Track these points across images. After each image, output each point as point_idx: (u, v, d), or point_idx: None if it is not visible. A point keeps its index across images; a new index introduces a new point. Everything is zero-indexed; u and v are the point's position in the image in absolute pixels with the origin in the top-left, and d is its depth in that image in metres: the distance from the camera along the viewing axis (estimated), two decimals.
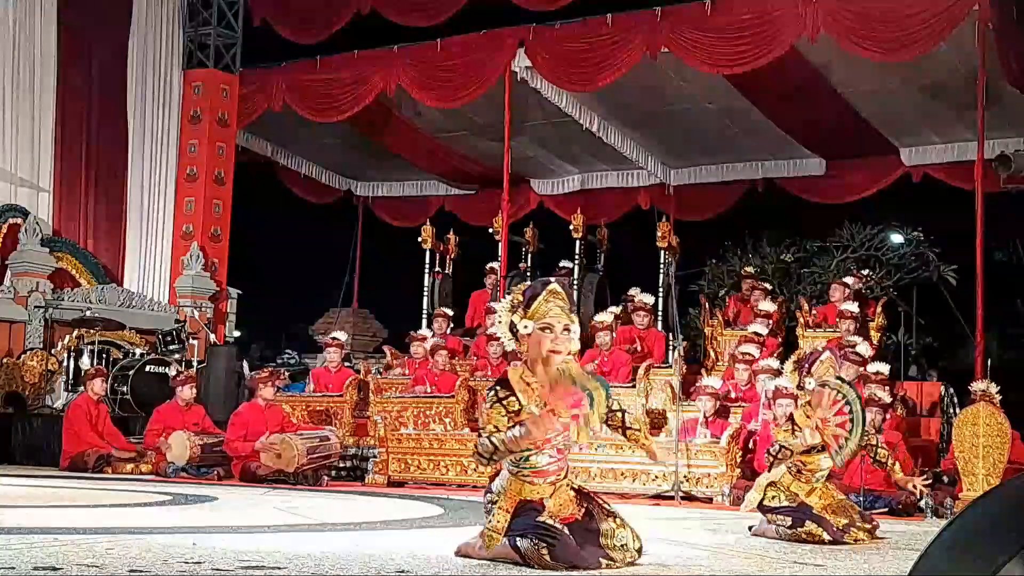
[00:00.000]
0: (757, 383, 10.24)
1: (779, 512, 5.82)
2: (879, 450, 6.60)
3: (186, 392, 11.29)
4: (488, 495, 4.39)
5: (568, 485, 4.36)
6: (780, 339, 12.25)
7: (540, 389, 4.16)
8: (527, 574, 4.08)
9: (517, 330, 4.19)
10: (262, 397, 10.58)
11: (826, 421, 5.71)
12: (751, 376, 10.54)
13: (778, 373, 10.20)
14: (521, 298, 4.19)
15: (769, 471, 5.96)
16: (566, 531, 4.16)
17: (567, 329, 4.18)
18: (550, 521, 4.18)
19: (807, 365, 5.87)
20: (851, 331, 11.17)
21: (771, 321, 12.07)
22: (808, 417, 5.78)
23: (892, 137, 14.68)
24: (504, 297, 4.37)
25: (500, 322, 4.31)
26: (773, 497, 5.87)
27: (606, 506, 4.40)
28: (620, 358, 11.25)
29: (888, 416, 9.44)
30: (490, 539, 4.24)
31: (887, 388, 9.91)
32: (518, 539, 4.17)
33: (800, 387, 5.94)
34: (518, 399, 4.17)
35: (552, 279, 4.31)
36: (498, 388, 4.20)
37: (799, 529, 5.72)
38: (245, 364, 13.15)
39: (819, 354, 5.94)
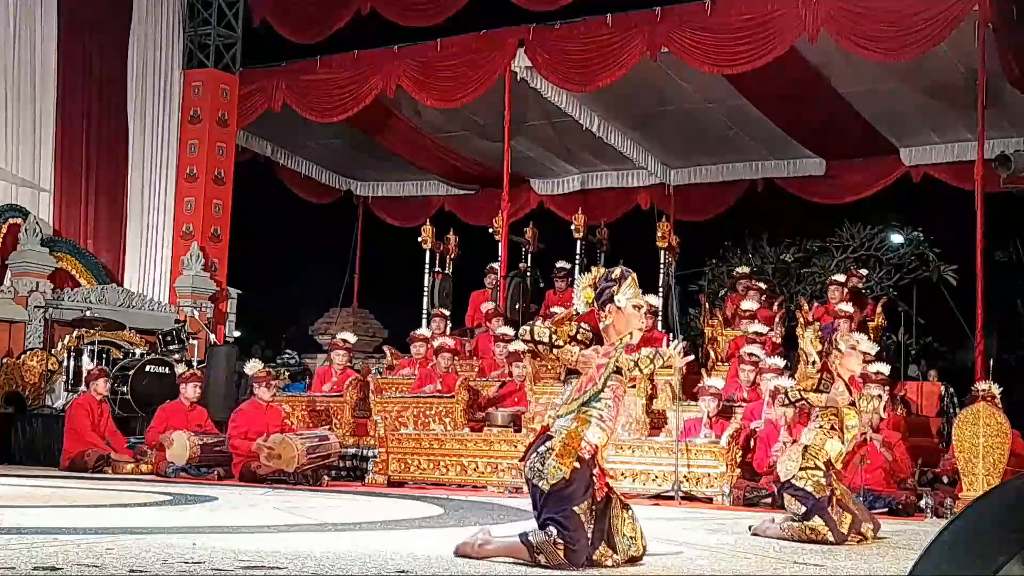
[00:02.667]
0: (762, 382, 10.23)
1: (799, 495, 5.82)
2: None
3: (190, 390, 11.24)
4: (548, 441, 4.38)
5: (611, 443, 4.59)
6: (778, 338, 12.24)
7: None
8: (528, 573, 4.08)
9: (601, 300, 4.54)
10: (259, 398, 10.55)
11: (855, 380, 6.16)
12: (757, 377, 10.54)
13: (781, 373, 10.21)
14: (618, 274, 4.59)
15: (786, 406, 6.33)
16: (588, 530, 4.18)
17: (646, 313, 4.76)
18: (581, 516, 4.19)
19: (828, 336, 6.31)
20: (848, 331, 11.16)
21: (757, 319, 12.06)
22: (841, 370, 6.12)
23: (892, 137, 14.68)
24: (579, 279, 4.76)
25: (578, 293, 4.65)
26: (802, 477, 5.87)
27: (623, 499, 4.53)
28: None
29: (885, 415, 9.42)
30: (557, 469, 4.26)
31: (886, 388, 9.89)
32: (530, 534, 4.18)
33: (823, 351, 6.16)
34: (595, 340, 4.52)
35: (630, 271, 4.73)
36: (584, 326, 4.58)
37: (806, 523, 5.73)
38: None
39: (837, 323, 6.38)
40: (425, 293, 14.33)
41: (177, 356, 13.16)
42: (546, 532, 4.14)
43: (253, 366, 10.81)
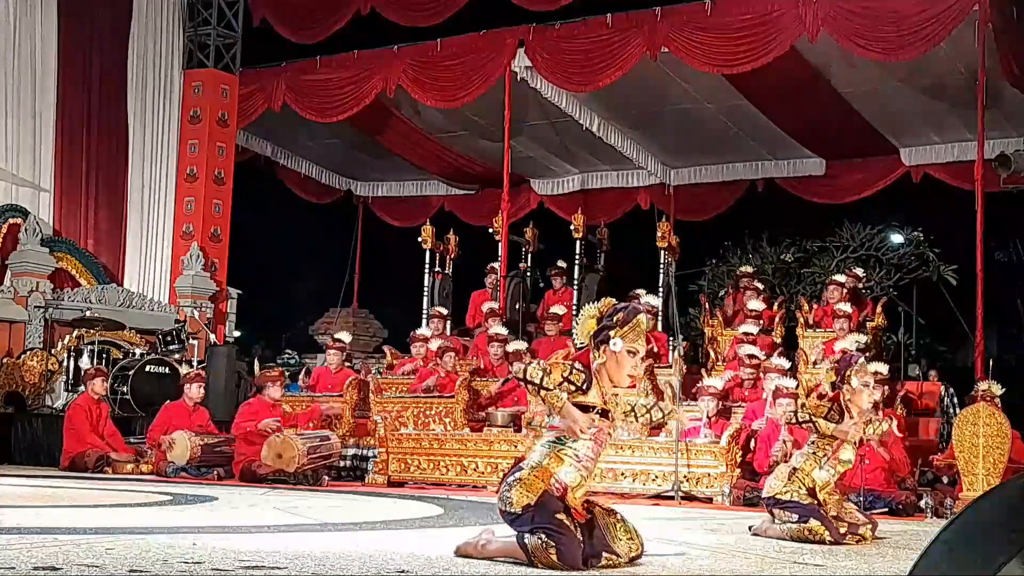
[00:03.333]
0: (765, 381, 10.23)
1: (788, 507, 5.86)
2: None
3: (194, 390, 11.24)
4: (519, 471, 4.35)
5: (587, 485, 4.44)
6: (778, 338, 12.24)
7: (603, 388, 4.40)
8: (528, 573, 4.09)
9: (598, 339, 4.37)
10: (269, 396, 10.56)
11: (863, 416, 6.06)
12: (757, 377, 10.54)
13: (786, 373, 10.20)
14: (622, 316, 4.38)
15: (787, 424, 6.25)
16: (578, 532, 4.19)
17: (642, 358, 4.51)
18: (566, 520, 4.20)
19: (843, 371, 6.09)
20: (846, 331, 11.18)
21: (762, 320, 12.06)
22: (852, 406, 6.04)
23: (892, 137, 14.68)
24: (586, 302, 4.65)
25: (581, 322, 4.47)
26: (786, 491, 5.90)
27: (605, 505, 4.50)
28: None
29: (880, 414, 9.41)
30: (522, 496, 4.23)
31: (884, 388, 9.89)
32: (527, 536, 4.19)
33: (836, 386, 6.09)
34: (588, 381, 4.32)
35: (642, 309, 4.53)
36: (579, 366, 4.37)
37: (803, 525, 5.74)
38: (256, 363, 13.20)
39: (855, 358, 6.21)
40: (425, 293, 14.33)
41: (177, 356, 13.16)
42: (537, 536, 4.16)
43: (262, 371, 10.89)
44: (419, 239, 14.48)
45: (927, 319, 17.05)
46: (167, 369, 12.74)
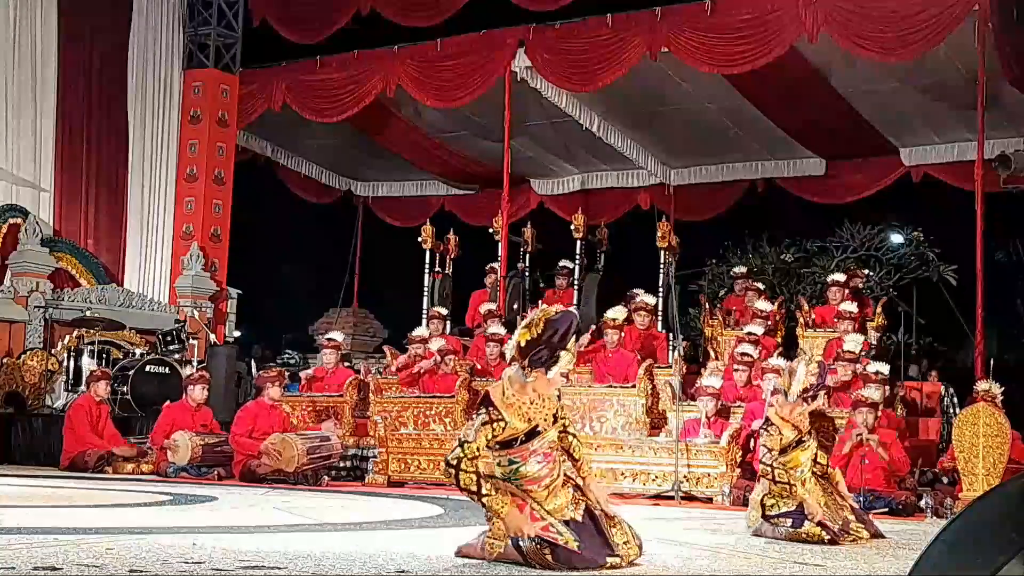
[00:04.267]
0: (764, 382, 10.21)
1: (780, 517, 5.86)
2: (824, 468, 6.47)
3: (197, 392, 11.23)
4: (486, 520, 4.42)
5: (563, 484, 4.42)
6: (779, 338, 12.23)
7: (523, 407, 4.33)
8: (527, 574, 4.09)
9: (533, 358, 4.29)
10: (269, 396, 10.56)
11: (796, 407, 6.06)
12: (750, 376, 10.54)
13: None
14: (562, 332, 4.30)
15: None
16: (568, 532, 4.21)
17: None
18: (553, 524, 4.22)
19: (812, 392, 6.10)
20: (849, 331, 11.16)
21: (768, 321, 12.06)
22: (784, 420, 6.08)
23: (892, 137, 14.68)
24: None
25: (516, 336, 4.37)
26: (772, 506, 5.91)
27: (606, 510, 4.49)
28: (625, 358, 11.22)
29: (879, 415, 9.41)
30: (492, 546, 4.28)
31: (885, 388, 9.89)
32: (521, 540, 4.20)
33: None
34: (504, 419, 4.28)
35: (576, 316, 4.41)
36: (489, 409, 4.29)
37: (799, 529, 5.74)
38: (253, 363, 13.20)
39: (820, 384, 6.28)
40: (425, 293, 14.31)
41: (177, 356, 13.16)
42: (532, 539, 4.17)
43: (260, 372, 10.91)
44: (419, 239, 14.47)
45: (927, 319, 17.05)
46: (167, 369, 12.74)
